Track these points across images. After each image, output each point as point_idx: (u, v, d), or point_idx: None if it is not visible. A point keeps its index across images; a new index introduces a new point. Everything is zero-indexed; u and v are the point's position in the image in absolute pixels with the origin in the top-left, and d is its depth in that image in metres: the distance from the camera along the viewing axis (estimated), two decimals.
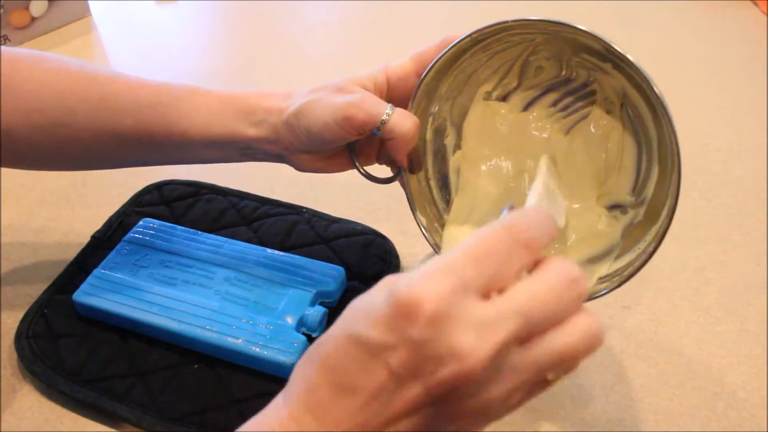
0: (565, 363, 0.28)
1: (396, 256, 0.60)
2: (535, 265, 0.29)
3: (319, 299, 0.53)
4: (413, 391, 0.27)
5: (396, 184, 0.51)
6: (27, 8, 0.93)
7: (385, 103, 0.45)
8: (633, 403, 0.50)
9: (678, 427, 0.48)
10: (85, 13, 1.02)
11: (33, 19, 0.94)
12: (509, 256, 0.27)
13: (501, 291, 0.27)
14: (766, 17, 1.05)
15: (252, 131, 0.48)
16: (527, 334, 0.27)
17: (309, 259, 0.56)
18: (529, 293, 0.27)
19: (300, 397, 0.29)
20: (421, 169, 0.48)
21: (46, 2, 0.95)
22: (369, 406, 0.27)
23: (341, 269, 0.55)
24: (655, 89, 0.35)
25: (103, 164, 0.55)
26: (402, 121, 0.45)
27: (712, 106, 0.84)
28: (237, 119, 0.48)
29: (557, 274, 0.27)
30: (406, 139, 0.45)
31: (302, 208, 0.64)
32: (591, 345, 0.28)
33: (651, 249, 0.39)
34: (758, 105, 0.84)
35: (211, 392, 0.49)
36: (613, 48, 0.36)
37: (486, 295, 0.27)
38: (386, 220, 0.64)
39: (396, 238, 0.62)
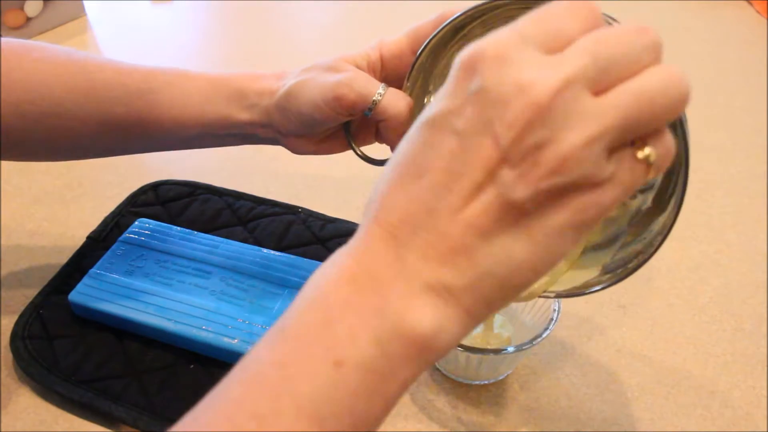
0: (649, 106, 0.24)
1: None
2: None
3: None
4: (484, 147, 0.24)
5: None
6: (22, 8, 0.92)
7: (377, 83, 0.44)
8: (628, 402, 0.50)
9: (673, 426, 0.48)
10: (81, 13, 1.02)
11: (28, 19, 0.94)
12: (572, 15, 0.25)
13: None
14: (761, 17, 1.05)
15: (244, 115, 0.47)
16: (598, 78, 0.24)
17: (305, 259, 0.56)
18: (595, 37, 0.25)
19: (366, 217, 0.27)
20: None
21: (41, 2, 0.95)
22: (438, 184, 0.25)
23: None
24: None
25: (96, 153, 0.54)
26: (395, 101, 0.43)
27: (707, 106, 0.84)
28: (229, 104, 0.47)
29: (623, 26, 0.25)
30: (399, 121, 0.44)
31: (298, 208, 0.64)
32: (677, 87, 0.24)
33: (657, 242, 0.38)
34: (753, 104, 0.84)
35: (206, 392, 0.48)
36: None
37: (549, 52, 0.25)
38: None
39: None
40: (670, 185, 0.39)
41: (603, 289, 0.41)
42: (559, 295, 0.42)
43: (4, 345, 0.52)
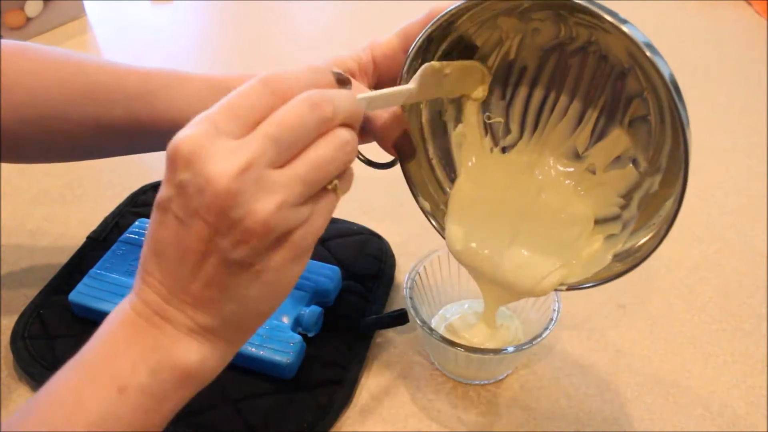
0: (325, 169, 0.31)
1: (392, 256, 0.60)
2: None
3: (315, 299, 0.53)
4: (196, 227, 0.30)
5: (396, 178, 0.49)
6: (22, 9, 0.93)
7: (364, 90, 0.43)
8: (628, 402, 0.50)
9: (673, 426, 0.48)
10: (81, 13, 1.02)
11: (28, 19, 0.94)
12: (261, 102, 0.30)
13: None
14: (761, 17, 1.05)
15: None
16: (281, 155, 0.30)
17: None
18: (273, 120, 0.30)
19: (137, 280, 0.33)
20: (415, 156, 0.46)
21: (42, 3, 0.95)
22: (177, 258, 0.31)
23: (337, 269, 0.55)
24: (647, 52, 0.34)
25: (95, 155, 0.54)
26: (380, 112, 0.43)
27: (707, 106, 0.84)
28: None
29: (299, 101, 0.30)
30: (388, 128, 0.43)
31: None
32: (343, 151, 0.31)
33: (664, 230, 0.38)
34: (753, 104, 0.84)
35: (207, 392, 0.48)
36: (603, 16, 0.35)
37: (241, 135, 0.30)
38: (382, 219, 0.64)
39: (392, 238, 0.62)
40: (675, 168, 0.39)
41: (613, 279, 0.40)
42: (571, 288, 0.42)
43: (4, 345, 0.52)
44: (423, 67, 0.41)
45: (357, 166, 0.48)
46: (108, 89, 0.47)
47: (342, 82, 0.35)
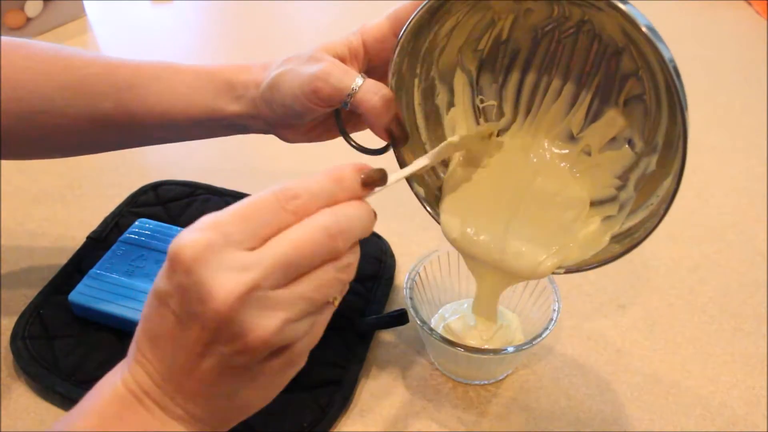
0: (327, 289, 0.31)
1: (392, 256, 0.60)
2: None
3: None
4: (194, 331, 0.29)
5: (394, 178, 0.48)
6: (22, 9, 0.93)
7: (354, 73, 0.43)
8: (628, 402, 0.50)
9: (673, 426, 0.48)
10: (81, 13, 1.02)
11: (28, 19, 0.94)
12: (273, 218, 0.30)
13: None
14: (761, 17, 1.05)
15: (233, 107, 0.47)
16: (287, 278, 0.30)
17: None
18: (285, 242, 0.30)
19: (130, 355, 0.33)
20: (407, 140, 0.45)
21: (42, 3, 0.95)
22: (172, 351, 0.31)
23: None
24: (642, 27, 0.34)
25: (89, 149, 0.54)
26: (370, 95, 0.42)
27: (707, 106, 0.84)
28: (217, 96, 0.47)
29: (316, 229, 0.30)
30: (378, 112, 0.43)
31: None
32: (346, 272, 0.32)
33: (662, 210, 0.37)
34: (752, 104, 0.84)
35: None
36: None
37: (251, 248, 0.29)
38: (382, 219, 0.64)
39: (392, 238, 0.62)
40: (672, 148, 0.38)
41: (612, 261, 0.40)
42: (569, 270, 0.42)
43: (4, 345, 0.52)
44: (441, 144, 0.43)
45: (354, 157, 0.47)
46: (98, 82, 0.47)
47: (369, 184, 0.34)
